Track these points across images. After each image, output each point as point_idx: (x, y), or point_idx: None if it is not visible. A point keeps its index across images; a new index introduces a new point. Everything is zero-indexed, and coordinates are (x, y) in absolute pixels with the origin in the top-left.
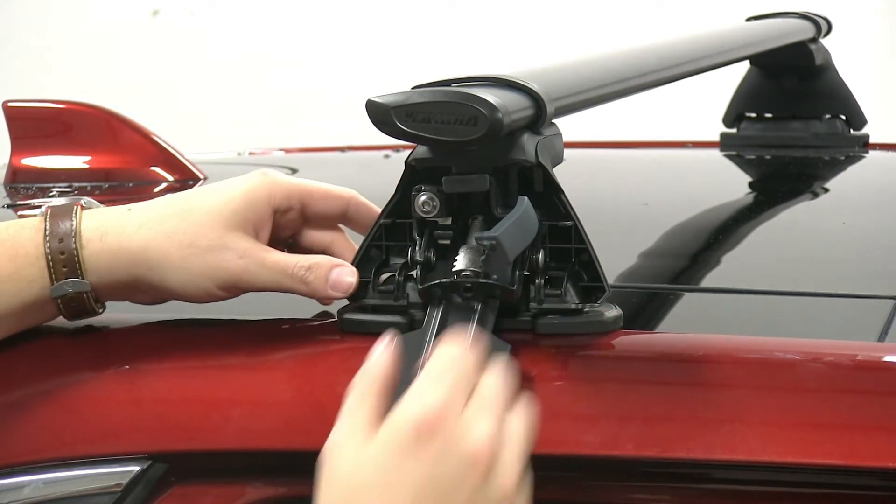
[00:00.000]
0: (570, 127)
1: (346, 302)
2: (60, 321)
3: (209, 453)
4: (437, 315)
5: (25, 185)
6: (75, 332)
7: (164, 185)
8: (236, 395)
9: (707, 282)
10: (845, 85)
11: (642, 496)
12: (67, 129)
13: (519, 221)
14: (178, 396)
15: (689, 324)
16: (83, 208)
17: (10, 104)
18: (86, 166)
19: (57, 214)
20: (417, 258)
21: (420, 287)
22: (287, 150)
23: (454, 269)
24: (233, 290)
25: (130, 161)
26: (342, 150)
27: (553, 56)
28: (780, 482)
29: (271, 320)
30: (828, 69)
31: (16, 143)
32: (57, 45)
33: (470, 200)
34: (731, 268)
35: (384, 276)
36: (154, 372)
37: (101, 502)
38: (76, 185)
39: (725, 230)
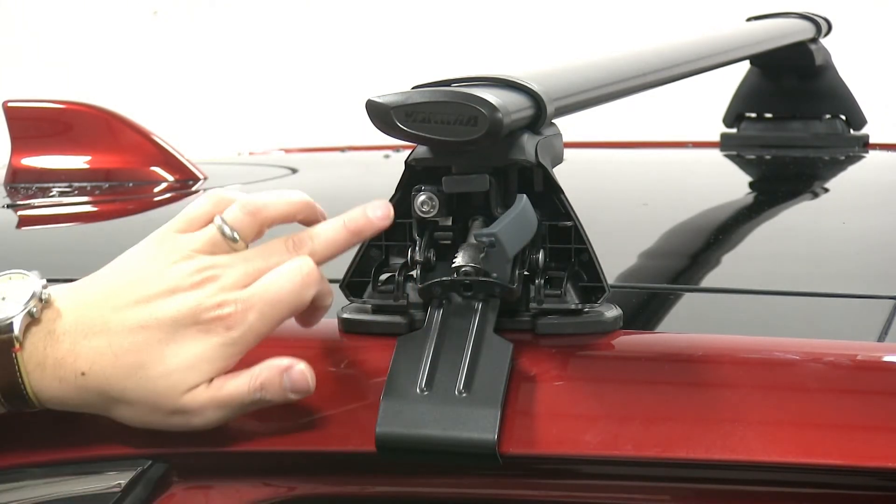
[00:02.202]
0: (570, 127)
1: (345, 301)
2: None
3: (209, 454)
4: (438, 315)
5: (25, 185)
6: None
7: (163, 184)
8: None
9: (707, 282)
10: (845, 85)
11: (642, 496)
12: (67, 129)
13: (518, 219)
14: None
15: (689, 324)
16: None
17: (10, 104)
18: (86, 166)
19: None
20: (417, 258)
21: (420, 286)
22: (287, 150)
23: (454, 266)
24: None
25: (130, 161)
26: (342, 150)
27: (553, 56)
28: (780, 482)
29: None
30: (828, 69)
31: (16, 143)
32: (56, 45)
33: (470, 200)
34: (731, 268)
35: (384, 276)
36: None
37: (101, 502)
38: (76, 185)
39: (725, 230)
